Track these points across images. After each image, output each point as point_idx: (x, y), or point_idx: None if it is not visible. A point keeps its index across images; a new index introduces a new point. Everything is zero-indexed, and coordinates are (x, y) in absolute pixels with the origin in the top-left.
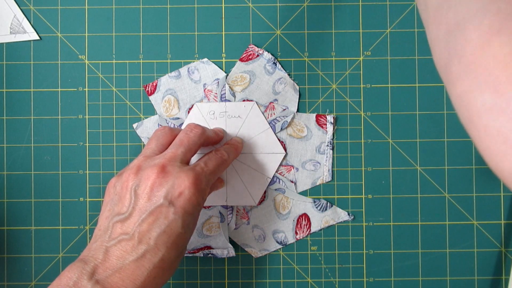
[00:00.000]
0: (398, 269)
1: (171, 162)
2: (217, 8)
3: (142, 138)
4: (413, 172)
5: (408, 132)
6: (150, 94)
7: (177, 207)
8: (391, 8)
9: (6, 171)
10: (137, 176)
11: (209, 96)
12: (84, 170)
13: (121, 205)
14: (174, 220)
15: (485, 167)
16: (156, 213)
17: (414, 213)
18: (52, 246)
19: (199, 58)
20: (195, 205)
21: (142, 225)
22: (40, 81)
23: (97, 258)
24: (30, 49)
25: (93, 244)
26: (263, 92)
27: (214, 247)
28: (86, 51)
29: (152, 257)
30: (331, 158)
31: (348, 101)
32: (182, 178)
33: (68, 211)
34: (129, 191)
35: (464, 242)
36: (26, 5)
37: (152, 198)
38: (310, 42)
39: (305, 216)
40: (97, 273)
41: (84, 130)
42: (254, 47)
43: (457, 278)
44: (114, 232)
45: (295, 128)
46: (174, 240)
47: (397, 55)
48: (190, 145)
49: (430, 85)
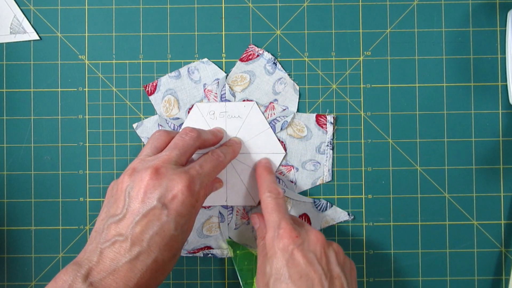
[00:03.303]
0: (398, 269)
1: (164, 164)
2: (217, 8)
3: (142, 138)
4: (413, 172)
5: (408, 132)
6: (150, 94)
7: (170, 209)
8: (391, 8)
9: (6, 171)
10: (131, 178)
11: (209, 96)
12: (84, 170)
13: (116, 207)
14: (167, 222)
15: (485, 167)
16: (149, 215)
17: (414, 213)
18: (52, 246)
19: (199, 58)
20: (188, 207)
21: (136, 227)
22: (40, 81)
23: (92, 260)
24: (30, 49)
25: (89, 246)
26: (263, 92)
27: (214, 247)
28: (86, 51)
29: (145, 259)
30: (331, 158)
31: (348, 101)
32: (176, 181)
33: (68, 211)
34: (123, 193)
35: (464, 242)
36: (26, 5)
37: (145, 200)
38: (310, 42)
39: (305, 216)
40: (91, 275)
41: (84, 130)
42: (254, 47)
43: (457, 278)
44: (109, 233)
45: (295, 128)
46: (167, 242)
47: (397, 55)
48: (185, 148)
49: (430, 85)
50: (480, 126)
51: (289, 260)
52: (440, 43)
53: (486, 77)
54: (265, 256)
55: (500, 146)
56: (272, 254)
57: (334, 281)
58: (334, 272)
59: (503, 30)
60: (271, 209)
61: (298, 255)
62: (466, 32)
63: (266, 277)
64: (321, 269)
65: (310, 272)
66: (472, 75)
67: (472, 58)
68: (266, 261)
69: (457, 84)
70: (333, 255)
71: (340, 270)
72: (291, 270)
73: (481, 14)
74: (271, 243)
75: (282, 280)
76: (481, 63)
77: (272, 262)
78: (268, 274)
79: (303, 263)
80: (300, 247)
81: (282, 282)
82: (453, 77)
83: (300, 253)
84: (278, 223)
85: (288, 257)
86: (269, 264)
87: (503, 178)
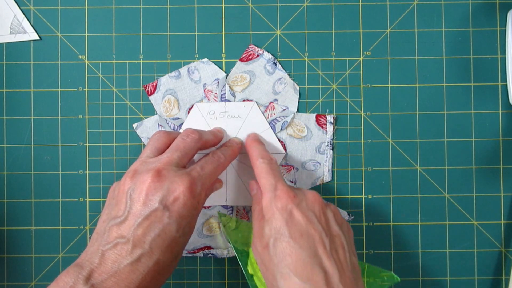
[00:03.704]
0: (398, 269)
1: (166, 166)
2: (217, 8)
3: (142, 138)
4: (413, 172)
5: (408, 132)
6: (150, 94)
7: (172, 212)
8: (391, 8)
9: (6, 171)
10: (132, 181)
11: (209, 96)
12: (84, 170)
13: (118, 209)
14: (169, 224)
15: (485, 167)
16: (151, 218)
17: (414, 213)
18: (52, 246)
19: (199, 58)
20: (190, 209)
21: (138, 229)
22: (40, 81)
23: (93, 262)
24: (30, 49)
25: (90, 248)
26: (263, 92)
27: (214, 247)
28: (86, 51)
29: (147, 261)
30: (331, 158)
31: (348, 101)
32: (177, 183)
33: (68, 211)
34: (125, 195)
35: (464, 242)
36: (26, 5)
37: (147, 203)
38: (310, 42)
39: None
40: (93, 277)
41: (84, 130)
42: (254, 47)
43: (457, 278)
44: (110, 235)
45: (295, 128)
46: (169, 244)
47: (397, 55)
48: (187, 150)
49: (430, 85)
50: (480, 126)
51: (288, 219)
52: (440, 43)
53: (486, 77)
54: (262, 220)
55: (500, 146)
56: (271, 215)
57: (335, 239)
58: (334, 230)
59: (503, 30)
60: (265, 173)
61: (297, 214)
62: (466, 32)
63: (265, 239)
64: (321, 227)
65: (311, 230)
66: (472, 75)
67: (472, 58)
68: (264, 224)
69: (457, 84)
70: (331, 215)
71: (339, 229)
72: (291, 229)
73: (481, 14)
74: (269, 205)
75: (283, 239)
76: (481, 63)
77: (271, 223)
78: (267, 235)
79: (303, 222)
80: (299, 207)
81: (283, 241)
82: (453, 77)
83: (299, 212)
84: (275, 185)
85: (287, 216)
86: (267, 225)
87: (503, 178)
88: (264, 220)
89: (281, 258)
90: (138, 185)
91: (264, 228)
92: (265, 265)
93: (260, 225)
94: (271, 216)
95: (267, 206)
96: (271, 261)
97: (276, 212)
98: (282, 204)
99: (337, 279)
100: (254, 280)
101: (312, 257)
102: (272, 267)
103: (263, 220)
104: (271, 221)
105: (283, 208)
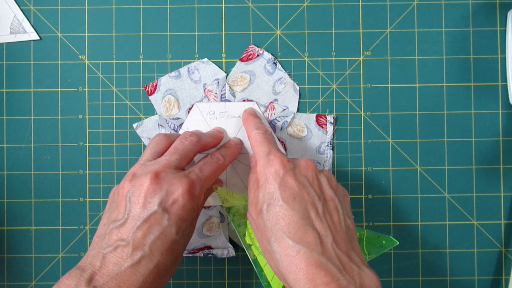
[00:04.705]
0: (398, 269)
1: (164, 169)
2: (217, 8)
3: (142, 138)
4: (413, 172)
5: (408, 132)
6: (150, 94)
7: (171, 214)
8: (391, 8)
9: (6, 171)
10: (131, 183)
11: (209, 96)
12: (84, 170)
13: (117, 212)
14: (168, 226)
15: (485, 167)
16: (150, 220)
17: (414, 213)
18: (52, 246)
19: (199, 58)
20: (189, 211)
21: (137, 232)
22: (40, 81)
23: (95, 265)
24: (30, 49)
25: (91, 251)
26: (263, 92)
27: (214, 247)
28: (86, 51)
29: (148, 263)
30: (331, 158)
31: (348, 101)
32: (176, 185)
33: (68, 211)
34: (124, 198)
35: (464, 242)
36: (26, 5)
37: (146, 205)
38: (310, 42)
39: None
40: (94, 279)
41: (84, 130)
42: (254, 47)
43: (457, 278)
44: (111, 238)
45: (295, 128)
46: (169, 246)
47: (397, 55)
48: (185, 153)
49: (430, 85)
50: (480, 126)
51: (281, 183)
52: (440, 43)
53: (486, 77)
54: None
55: (500, 146)
56: (264, 181)
57: (328, 203)
58: (327, 194)
59: (503, 30)
60: (260, 142)
61: (290, 178)
62: (466, 32)
63: (259, 205)
64: (314, 191)
65: (303, 194)
66: (472, 75)
67: (472, 58)
68: (258, 190)
69: (457, 84)
70: (325, 180)
71: (333, 193)
72: (284, 193)
73: (481, 14)
74: (262, 171)
75: (276, 203)
76: (481, 63)
77: (265, 188)
78: (261, 201)
79: (295, 186)
80: (291, 171)
81: (276, 205)
82: (453, 77)
83: (292, 177)
84: (268, 152)
85: (280, 181)
86: (261, 191)
87: (503, 178)
88: (258, 187)
89: (274, 222)
90: (136, 188)
91: (258, 194)
92: (259, 230)
93: (254, 193)
94: (265, 181)
95: (260, 172)
96: (265, 225)
97: (269, 177)
98: (275, 169)
99: (330, 239)
100: (252, 250)
101: (305, 219)
102: (266, 231)
103: (257, 188)
104: (264, 187)
105: (276, 173)
